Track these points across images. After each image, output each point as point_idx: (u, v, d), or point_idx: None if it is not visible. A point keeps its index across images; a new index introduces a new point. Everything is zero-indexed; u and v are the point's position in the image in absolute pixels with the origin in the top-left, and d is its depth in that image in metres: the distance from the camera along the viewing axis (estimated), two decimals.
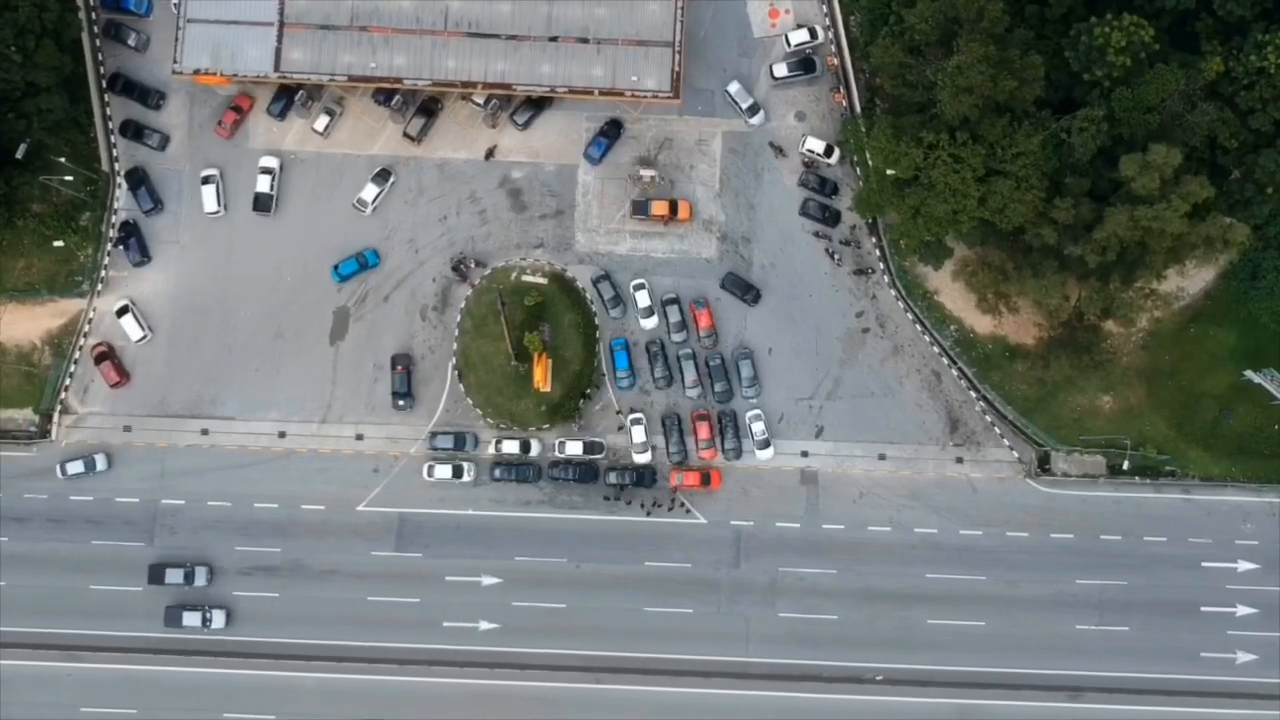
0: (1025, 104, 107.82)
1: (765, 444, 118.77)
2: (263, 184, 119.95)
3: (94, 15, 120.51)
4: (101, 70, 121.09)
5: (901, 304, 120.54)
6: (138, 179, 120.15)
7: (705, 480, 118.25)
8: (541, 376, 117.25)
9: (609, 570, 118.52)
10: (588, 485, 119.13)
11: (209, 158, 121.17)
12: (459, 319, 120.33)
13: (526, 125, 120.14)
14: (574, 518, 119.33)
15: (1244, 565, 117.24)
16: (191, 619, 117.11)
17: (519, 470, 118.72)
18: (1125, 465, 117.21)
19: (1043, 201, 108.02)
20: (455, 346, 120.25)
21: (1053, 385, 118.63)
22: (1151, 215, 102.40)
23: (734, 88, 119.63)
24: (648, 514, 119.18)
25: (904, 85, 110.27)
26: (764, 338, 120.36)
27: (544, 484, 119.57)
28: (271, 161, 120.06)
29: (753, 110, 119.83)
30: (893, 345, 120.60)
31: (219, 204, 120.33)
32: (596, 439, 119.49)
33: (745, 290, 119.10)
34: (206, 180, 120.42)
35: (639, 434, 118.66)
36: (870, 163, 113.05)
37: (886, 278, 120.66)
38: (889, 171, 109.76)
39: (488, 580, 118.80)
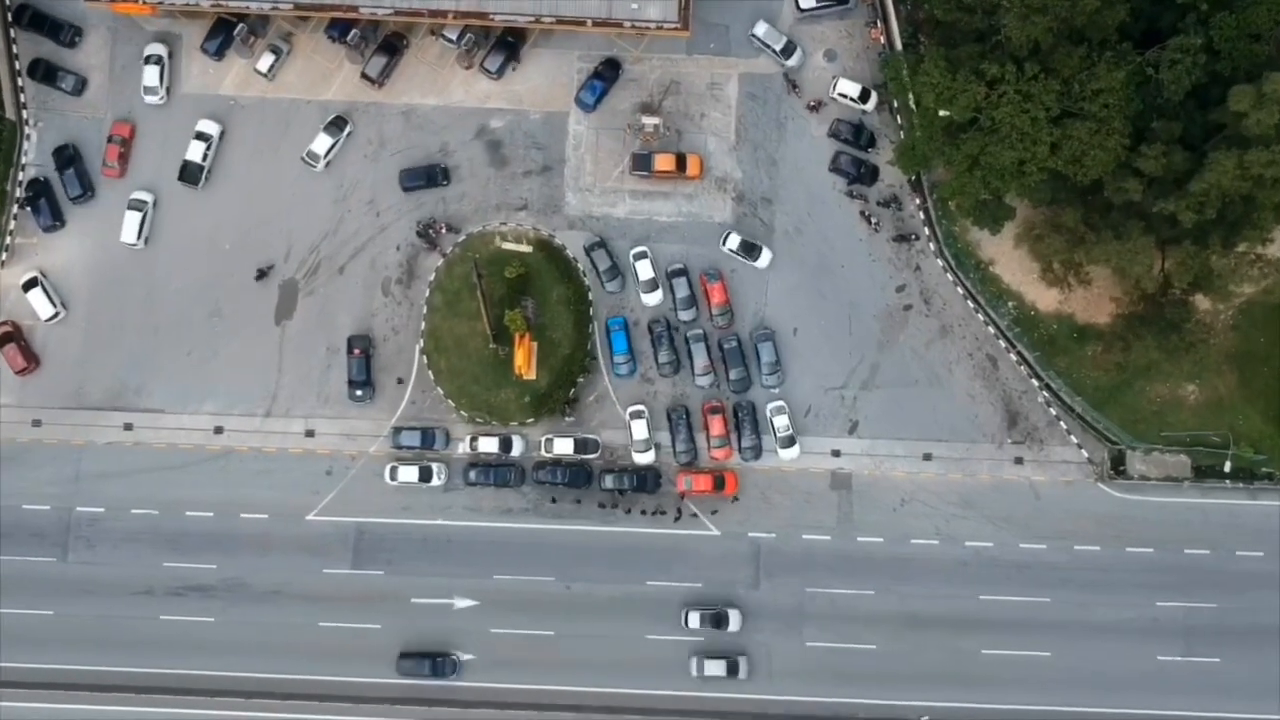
0: (1107, 30, 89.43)
1: (790, 442, 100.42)
2: (194, 151, 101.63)
3: None
4: (7, 1, 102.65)
5: (950, 276, 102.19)
6: (67, 158, 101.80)
7: (719, 484, 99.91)
8: (524, 362, 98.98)
9: (605, 591, 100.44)
10: (579, 490, 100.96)
11: (134, 109, 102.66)
12: (427, 294, 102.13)
13: (499, 73, 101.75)
14: (563, 529, 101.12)
15: None
16: None
17: (498, 472, 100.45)
18: (1227, 466, 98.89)
19: (1126, 149, 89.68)
20: (423, 326, 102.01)
21: (1130, 372, 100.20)
22: (1266, 160, 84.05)
23: (761, 29, 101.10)
24: (651, 524, 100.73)
25: (959, 9, 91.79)
26: (789, 316, 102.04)
27: (528, 489, 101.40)
28: (210, 127, 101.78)
29: (788, 50, 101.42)
30: (940, 325, 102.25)
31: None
32: (590, 436, 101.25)
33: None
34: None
35: (640, 430, 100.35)
36: (917, 105, 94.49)
37: (933, 245, 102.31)
38: (941, 113, 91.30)
39: (461, 603, 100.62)
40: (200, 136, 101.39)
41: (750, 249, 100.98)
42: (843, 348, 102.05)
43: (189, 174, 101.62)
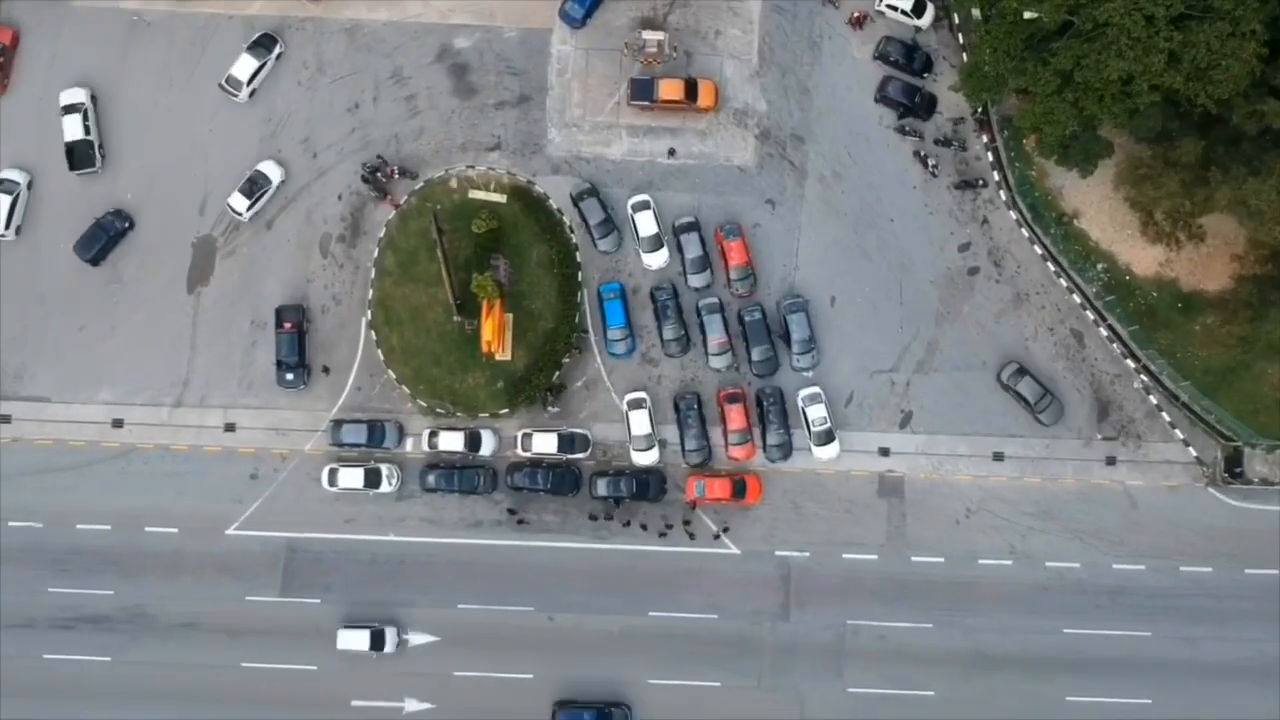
0: None
1: (827, 437, 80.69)
2: (72, 129, 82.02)
3: None
4: None
5: (1025, 232, 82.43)
6: None
7: (738, 491, 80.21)
8: (496, 338, 79.29)
9: (596, 625, 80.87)
10: (565, 499, 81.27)
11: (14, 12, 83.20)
12: (376, 254, 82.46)
13: None
14: (545, 546, 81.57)
15: None
16: None
17: (463, 476, 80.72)
18: None
19: (1262, 62, 69.96)
20: (370, 295, 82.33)
21: (1253, 350, 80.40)
22: None
23: None
24: (655, 541, 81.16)
25: None
26: (825, 281, 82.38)
27: (501, 496, 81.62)
28: (77, 96, 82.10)
29: None
30: (1013, 292, 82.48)
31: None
32: (578, 430, 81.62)
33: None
34: None
35: (640, 423, 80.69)
36: (993, 8, 74.37)
37: (1003, 193, 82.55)
38: (1026, 15, 71.28)
39: (418, 638, 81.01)
40: (69, 109, 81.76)
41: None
42: (892, 321, 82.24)
43: (80, 158, 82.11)
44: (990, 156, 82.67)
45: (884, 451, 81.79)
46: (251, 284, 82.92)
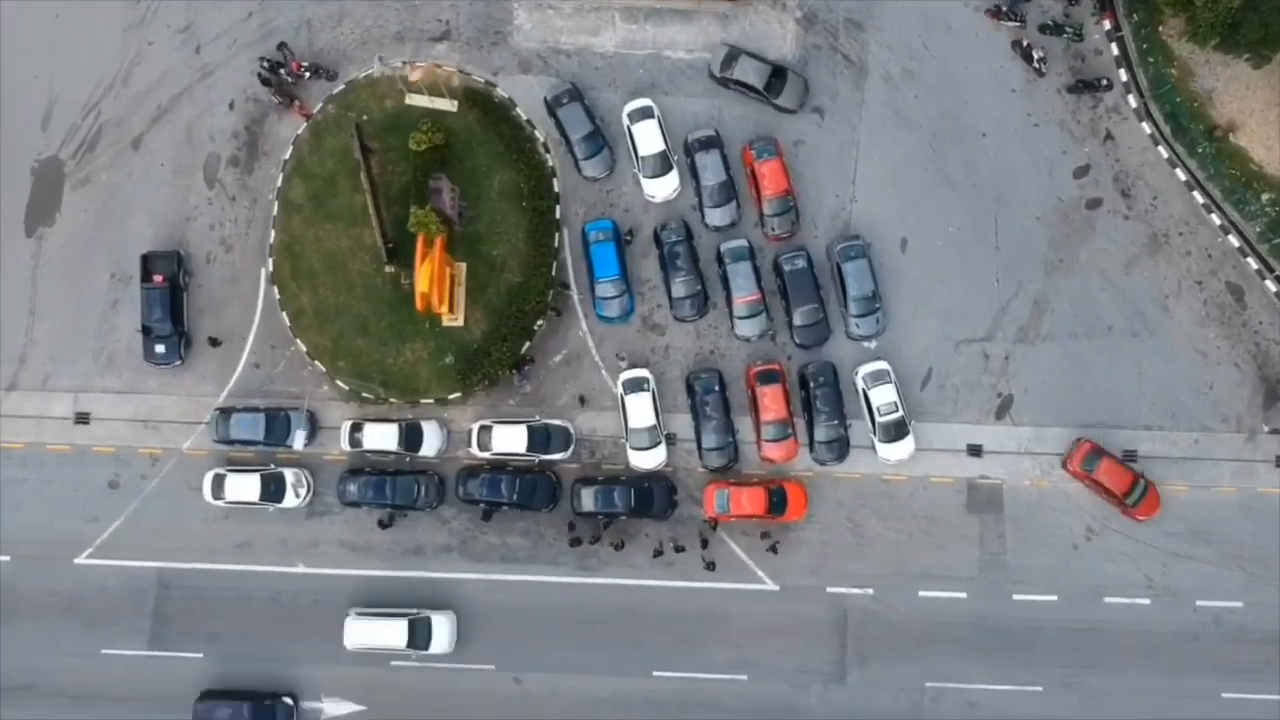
0: None
1: (897, 431, 58.92)
2: None
3: None
4: None
5: (1164, 150, 60.58)
6: None
7: (775, 505, 58.53)
8: (437, 289, 57.28)
9: (580, 689, 59.36)
10: (538, 516, 59.39)
11: None
12: (279, 183, 60.64)
13: None
14: (510, 581, 59.81)
15: None
16: None
17: (398, 485, 58.92)
18: None
19: None
20: (273, 237, 60.60)
21: None
22: None
23: None
24: (661, 572, 59.05)
25: None
26: (893, 218, 60.63)
27: (449, 512, 59.80)
28: None
29: None
30: (1147, 233, 60.66)
31: None
32: (556, 422, 59.81)
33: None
34: None
35: (640, 410, 58.96)
36: None
37: (1134, 98, 60.62)
38: None
39: (335, 708, 59.37)
40: None
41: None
42: (984, 271, 60.44)
43: None
44: (1115, 48, 60.66)
45: (975, 450, 59.91)
46: (112, 223, 61.20)
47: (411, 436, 59.14)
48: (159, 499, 60.13)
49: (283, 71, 60.38)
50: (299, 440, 58.29)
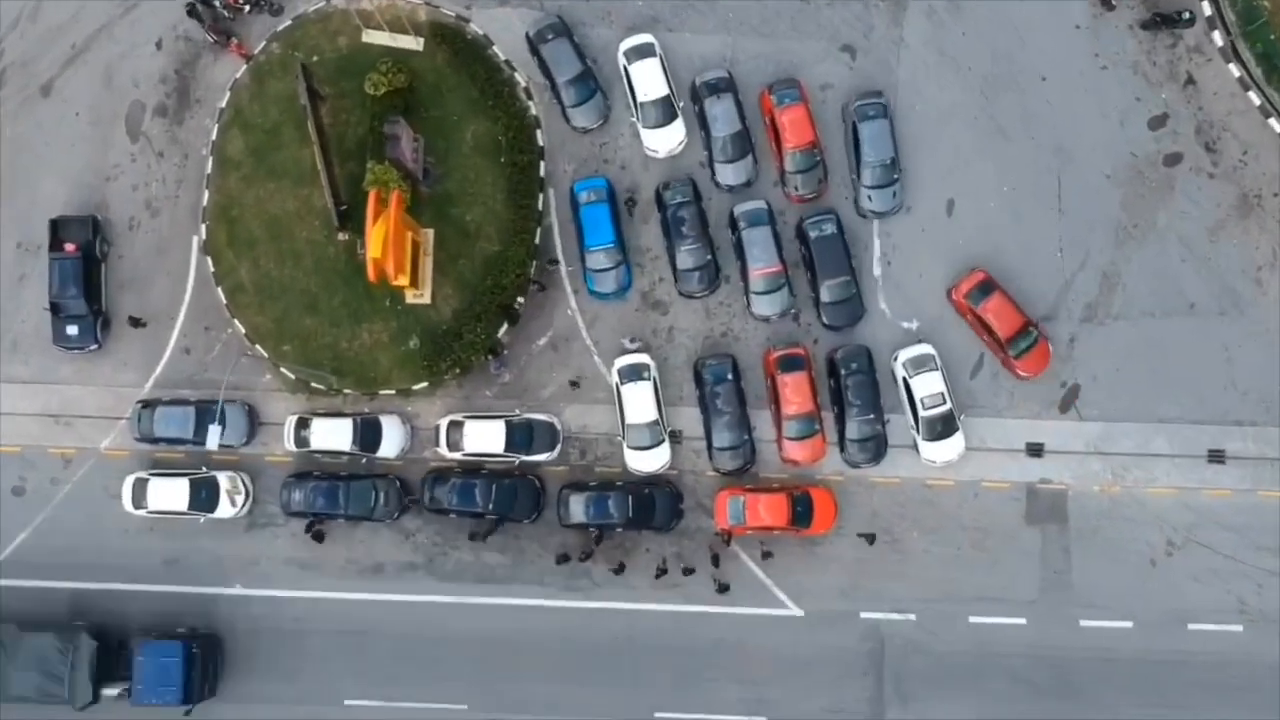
0: None
1: (944, 427, 50.21)
2: None
3: None
4: None
5: (1255, 97, 51.84)
6: None
7: (799, 514, 49.76)
8: (390, 252, 48.20)
9: None
10: (519, 528, 50.57)
11: None
12: (215, 136, 51.82)
13: None
14: (486, 605, 51.20)
15: None
16: None
17: (352, 491, 50.06)
18: None
19: None
20: (207, 200, 51.82)
21: None
22: None
23: None
24: (664, 595, 50.45)
25: None
26: (937, 175, 52.04)
27: (414, 524, 50.94)
28: None
29: None
30: (1236, 193, 51.94)
31: None
32: (539, 417, 50.98)
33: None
34: None
35: (640, 403, 50.20)
36: None
37: (1219, 35, 51.77)
38: None
39: None
40: None
41: None
42: (1045, 239, 51.69)
43: None
44: None
45: (1035, 450, 51.05)
46: (18, 183, 52.48)
47: (369, 434, 50.21)
48: (72, 508, 51.32)
49: (218, 4, 51.43)
50: (213, 439, 48.26)
